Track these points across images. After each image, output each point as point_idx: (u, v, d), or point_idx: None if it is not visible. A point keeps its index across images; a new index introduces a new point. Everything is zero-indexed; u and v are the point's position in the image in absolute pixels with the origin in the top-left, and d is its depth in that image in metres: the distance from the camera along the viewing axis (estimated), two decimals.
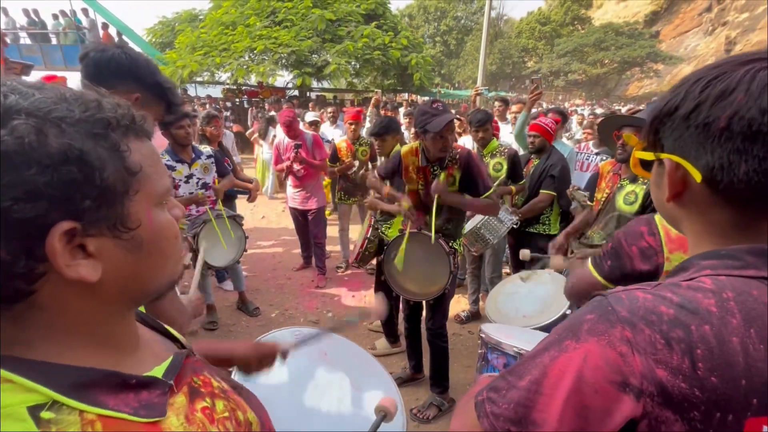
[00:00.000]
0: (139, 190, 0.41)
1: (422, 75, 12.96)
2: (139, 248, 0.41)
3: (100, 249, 0.38)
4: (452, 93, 17.42)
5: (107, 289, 0.41)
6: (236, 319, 3.30)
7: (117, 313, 0.44)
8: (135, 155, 0.40)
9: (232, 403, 0.51)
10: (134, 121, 0.42)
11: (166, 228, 0.45)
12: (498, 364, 1.46)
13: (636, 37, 28.02)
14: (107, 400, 0.39)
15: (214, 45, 11.69)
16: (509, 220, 2.60)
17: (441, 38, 31.26)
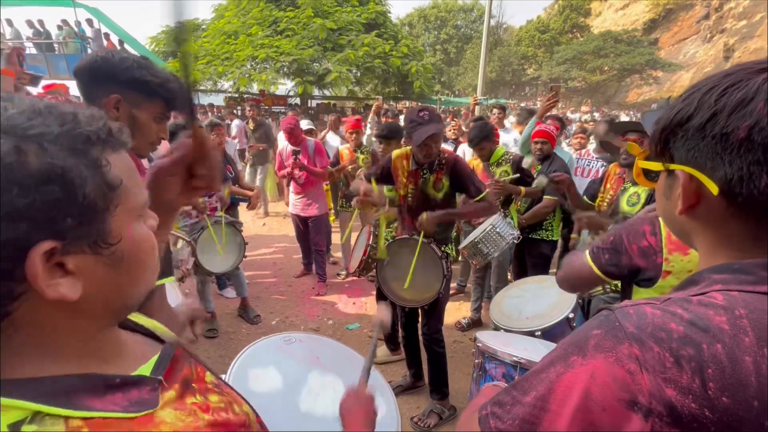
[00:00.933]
0: (120, 204, 0.40)
1: (422, 83, 13.07)
2: (119, 263, 0.41)
3: (80, 266, 0.38)
4: (452, 100, 17.51)
5: (89, 306, 0.40)
6: (236, 327, 3.29)
7: (99, 327, 0.43)
8: (114, 169, 0.39)
9: (227, 397, 0.51)
10: (111, 134, 0.41)
11: (144, 240, 0.44)
12: (497, 374, 1.45)
13: (635, 44, 28.21)
14: (93, 403, 0.38)
15: (216, 54, 11.82)
16: (510, 234, 2.56)
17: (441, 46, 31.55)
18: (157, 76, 1.03)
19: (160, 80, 1.03)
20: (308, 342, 1.29)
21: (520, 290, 2.20)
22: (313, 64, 12.14)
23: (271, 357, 1.18)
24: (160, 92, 1.04)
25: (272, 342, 1.26)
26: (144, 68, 1.02)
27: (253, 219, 6.08)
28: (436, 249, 2.07)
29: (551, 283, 2.16)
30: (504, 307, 2.04)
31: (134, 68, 1.00)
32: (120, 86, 0.99)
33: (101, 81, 0.99)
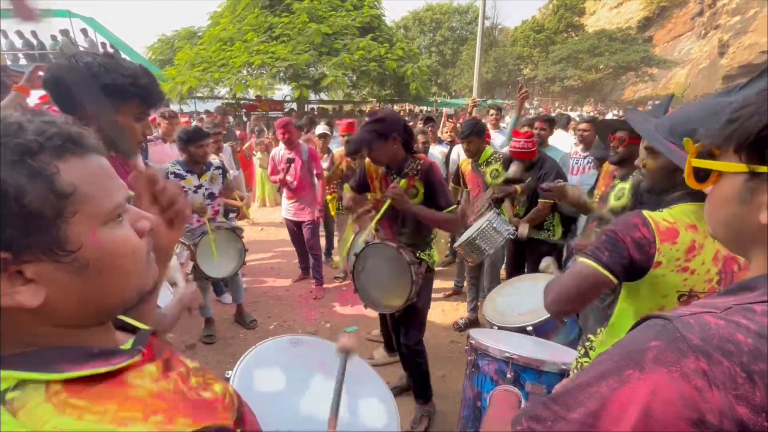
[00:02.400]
0: (77, 211, 0.39)
1: (418, 85, 13.13)
2: (84, 269, 0.40)
3: (41, 274, 0.38)
4: (449, 102, 17.57)
5: (58, 310, 0.40)
6: (234, 332, 3.30)
7: (80, 327, 0.44)
8: (68, 176, 0.39)
9: (208, 378, 0.52)
10: (70, 139, 0.40)
11: (119, 245, 0.43)
12: (489, 370, 1.46)
13: (629, 42, 28.30)
14: (75, 369, 0.40)
15: (212, 61, 11.88)
16: (506, 230, 2.58)
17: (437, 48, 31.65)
18: (126, 75, 1.00)
19: (131, 79, 1.00)
20: (314, 345, 1.31)
21: (514, 288, 2.22)
22: (309, 69, 12.21)
23: (276, 358, 1.20)
24: (133, 91, 1.01)
25: (279, 343, 1.28)
26: (112, 71, 0.98)
27: (251, 225, 6.10)
28: (405, 254, 1.99)
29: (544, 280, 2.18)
30: (497, 305, 2.06)
31: (102, 74, 0.97)
32: (92, 94, 0.97)
33: (72, 91, 0.96)
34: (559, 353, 1.57)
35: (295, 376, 1.14)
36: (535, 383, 1.38)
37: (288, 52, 11.44)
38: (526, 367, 1.39)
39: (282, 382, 1.12)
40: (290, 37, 12.00)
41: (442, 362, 2.93)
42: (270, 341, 1.27)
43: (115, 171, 0.46)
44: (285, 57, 11.30)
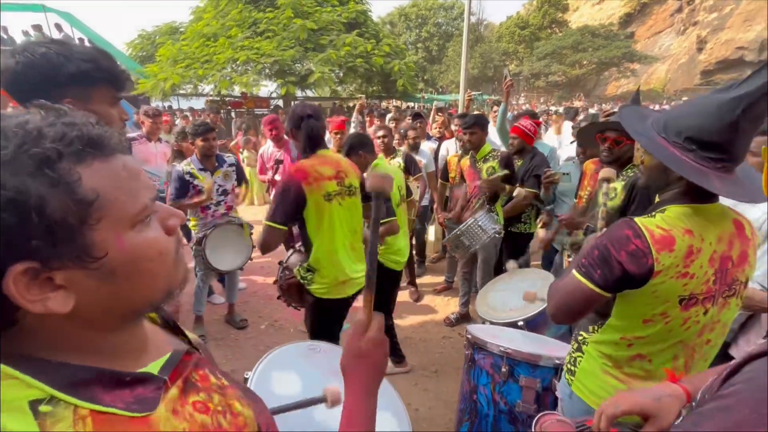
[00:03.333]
0: (102, 217, 0.39)
1: (405, 81, 13.10)
2: (111, 274, 0.40)
3: (70, 280, 0.38)
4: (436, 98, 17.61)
5: (88, 314, 0.41)
6: (225, 333, 3.26)
7: (109, 329, 0.44)
8: (90, 182, 0.38)
9: (228, 398, 0.52)
10: (91, 142, 0.39)
11: (146, 248, 0.43)
12: (485, 365, 1.48)
13: (612, 38, 28.80)
14: (103, 397, 0.40)
15: (195, 57, 11.63)
16: (492, 228, 2.61)
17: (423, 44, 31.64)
18: (87, 59, 0.93)
19: (93, 63, 0.93)
20: (331, 353, 1.32)
21: (505, 284, 2.25)
22: (294, 65, 12.05)
23: (294, 362, 1.22)
24: (98, 76, 0.95)
25: (298, 348, 1.30)
26: (72, 58, 0.90)
27: None
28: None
29: (534, 275, 2.22)
30: (489, 300, 2.09)
31: (64, 63, 0.89)
32: (59, 86, 0.89)
33: (38, 89, 0.87)
34: (553, 348, 1.60)
35: (311, 381, 1.15)
36: (529, 377, 1.40)
37: (273, 48, 11.27)
38: (521, 361, 1.41)
39: (298, 386, 1.13)
40: (275, 32, 11.82)
41: (434, 358, 2.95)
42: (290, 345, 1.30)
43: (141, 169, 0.44)
44: (270, 53, 11.12)
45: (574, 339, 1.29)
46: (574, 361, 1.25)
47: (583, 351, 1.23)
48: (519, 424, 1.40)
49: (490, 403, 1.44)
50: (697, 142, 0.97)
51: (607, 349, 1.16)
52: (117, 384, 0.42)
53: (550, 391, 1.39)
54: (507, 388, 1.41)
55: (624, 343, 1.12)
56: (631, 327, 1.10)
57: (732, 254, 1.06)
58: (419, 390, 2.61)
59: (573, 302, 1.09)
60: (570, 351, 1.30)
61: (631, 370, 1.14)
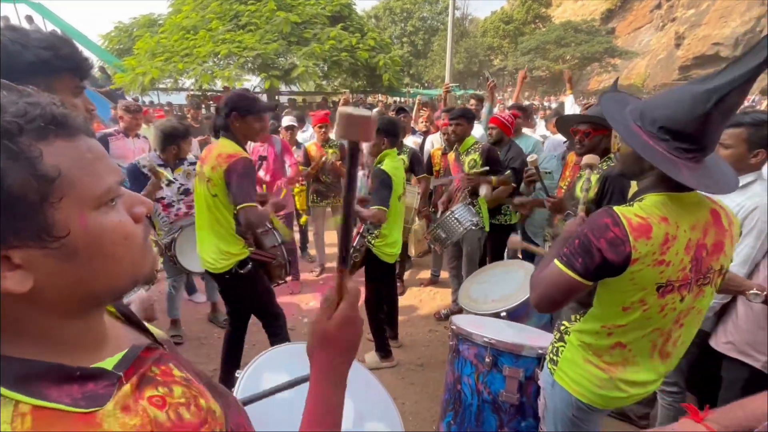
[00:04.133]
0: (65, 195, 0.38)
1: (391, 75, 13.05)
2: (73, 255, 0.39)
3: (28, 259, 0.37)
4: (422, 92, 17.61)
5: (47, 296, 0.39)
6: (208, 332, 3.20)
7: (69, 316, 0.43)
8: (53, 159, 0.37)
9: (193, 391, 0.49)
10: (54, 121, 0.38)
11: (110, 230, 0.42)
12: (469, 355, 1.48)
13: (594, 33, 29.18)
14: (50, 392, 0.38)
15: (175, 50, 11.32)
16: (468, 221, 2.63)
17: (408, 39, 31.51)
18: (45, 47, 0.88)
19: (52, 51, 0.88)
20: None
21: (487, 275, 2.27)
22: (278, 59, 11.86)
23: (288, 363, 1.21)
24: (59, 64, 0.90)
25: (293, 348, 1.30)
26: (29, 45, 0.85)
27: None
28: None
29: (516, 267, 2.24)
30: (472, 293, 2.10)
31: (21, 51, 0.84)
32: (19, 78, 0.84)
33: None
34: (536, 338, 1.62)
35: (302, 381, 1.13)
36: (512, 367, 1.41)
37: (256, 42, 11.04)
38: (504, 351, 1.42)
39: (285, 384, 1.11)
40: (258, 26, 11.59)
41: (421, 351, 2.96)
42: (284, 346, 1.29)
43: (106, 153, 0.44)
44: (253, 46, 10.90)
45: (557, 329, 1.30)
46: (557, 351, 1.26)
47: (565, 341, 1.24)
48: (502, 413, 1.41)
49: (473, 393, 1.45)
50: (670, 132, 0.99)
51: (588, 338, 1.18)
52: (67, 379, 0.40)
53: (532, 381, 1.40)
54: (491, 377, 1.42)
55: (604, 331, 1.14)
56: (611, 315, 1.12)
57: (706, 242, 1.08)
58: (405, 384, 2.61)
59: (556, 291, 1.10)
60: (552, 341, 1.31)
61: (611, 359, 1.16)
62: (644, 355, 1.16)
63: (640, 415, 2.18)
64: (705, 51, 27.07)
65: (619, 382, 1.17)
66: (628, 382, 1.17)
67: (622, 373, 1.16)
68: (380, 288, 2.75)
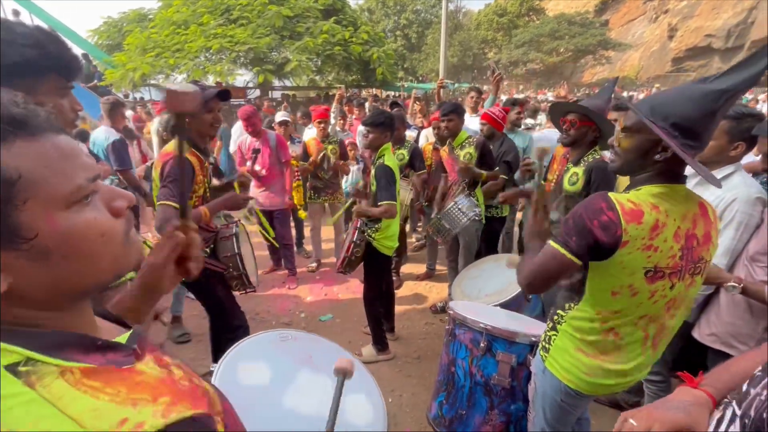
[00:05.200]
0: (30, 197, 0.38)
1: (385, 69, 12.97)
2: (45, 255, 0.39)
3: (1, 262, 0.38)
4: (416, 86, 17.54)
5: (30, 295, 0.40)
6: (205, 328, 3.20)
7: (57, 308, 0.44)
8: (12, 161, 0.37)
9: (187, 372, 0.52)
10: (13, 122, 0.38)
11: (83, 229, 0.42)
12: (464, 339, 1.52)
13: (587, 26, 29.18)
14: (79, 357, 0.41)
15: (166, 45, 11.17)
16: (472, 211, 2.67)
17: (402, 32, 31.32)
18: (31, 45, 0.83)
19: (39, 50, 0.84)
20: (303, 341, 1.31)
21: (479, 270, 2.30)
22: (271, 54, 11.75)
23: (263, 352, 1.19)
24: (46, 64, 0.86)
25: (267, 337, 1.27)
26: (13, 42, 0.81)
27: None
28: None
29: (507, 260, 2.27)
30: (464, 288, 2.13)
31: (6, 52, 0.80)
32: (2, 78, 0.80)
33: None
34: (532, 326, 1.65)
35: (280, 370, 1.14)
36: (505, 353, 1.45)
37: (248, 36, 10.93)
38: (499, 337, 1.46)
39: (267, 375, 1.11)
40: (249, 20, 11.45)
41: (417, 344, 3.00)
42: (259, 335, 1.26)
43: (78, 149, 0.43)
44: (245, 41, 10.79)
45: (550, 318, 1.34)
46: (549, 339, 1.30)
47: (558, 330, 1.28)
48: (493, 395, 1.45)
49: (467, 375, 1.50)
50: (680, 128, 1.02)
51: (582, 325, 1.21)
52: (91, 347, 0.43)
53: (524, 366, 1.44)
54: (484, 361, 1.47)
55: (599, 318, 1.17)
56: (602, 301, 1.15)
57: (697, 233, 1.12)
58: (403, 376, 2.65)
59: (548, 270, 1.14)
60: (545, 330, 1.35)
61: (603, 347, 1.20)
62: (637, 344, 1.19)
63: (631, 403, 2.24)
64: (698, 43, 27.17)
65: (608, 370, 1.21)
66: (617, 371, 1.21)
67: (611, 361, 1.20)
68: (379, 282, 2.77)
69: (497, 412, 1.46)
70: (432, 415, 1.62)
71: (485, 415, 1.47)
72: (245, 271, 2.15)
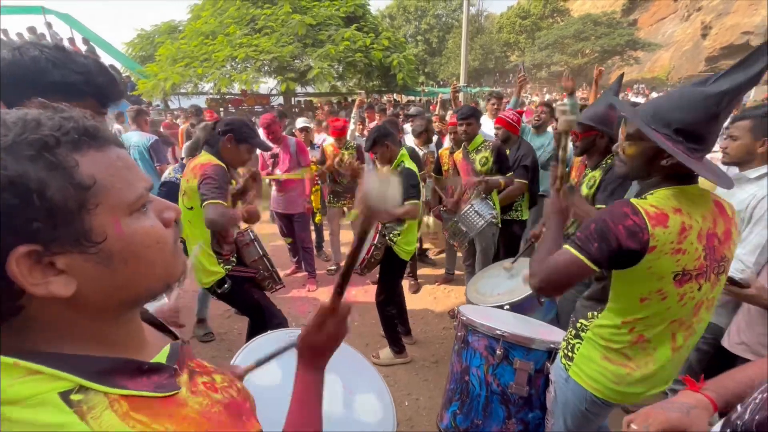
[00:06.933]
0: (100, 203, 0.40)
1: (405, 74, 13.01)
2: (110, 259, 0.42)
3: (70, 265, 0.40)
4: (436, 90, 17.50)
5: (90, 300, 0.42)
6: (228, 328, 3.30)
7: (110, 317, 0.46)
8: (87, 168, 0.40)
9: (228, 377, 0.55)
10: (87, 133, 0.41)
11: (143, 235, 0.44)
12: (479, 346, 1.50)
13: (614, 26, 28.37)
14: (126, 384, 0.42)
15: (194, 56, 11.62)
16: (489, 213, 2.64)
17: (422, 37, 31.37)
18: (79, 71, 0.90)
19: (84, 77, 0.91)
20: None
21: (496, 270, 2.27)
22: (294, 61, 12.01)
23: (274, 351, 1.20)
24: (87, 90, 0.92)
25: (277, 337, 1.28)
26: (62, 67, 0.88)
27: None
28: None
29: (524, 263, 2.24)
30: (479, 287, 2.12)
31: (50, 69, 0.87)
32: (40, 92, 0.86)
33: (16, 88, 0.85)
34: (546, 331, 1.62)
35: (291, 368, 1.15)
36: (523, 360, 1.42)
37: (272, 45, 11.22)
38: (516, 344, 1.43)
39: (279, 375, 1.12)
40: (273, 29, 11.77)
41: (434, 348, 2.98)
42: (269, 334, 1.28)
43: (134, 161, 0.47)
44: (269, 49, 11.08)
45: (572, 326, 1.31)
46: (572, 348, 1.27)
47: (582, 338, 1.25)
48: (510, 405, 1.42)
49: (482, 384, 1.46)
50: (684, 133, 1.01)
51: (609, 334, 1.18)
52: (136, 372, 0.44)
53: (541, 373, 1.41)
54: (501, 370, 1.43)
55: (626, 327, 1.14)
56: (630, 308, 1.12)
57: (717, 231, 1.09)
58: (419, 380, 2.64)
59: (564, 276, 1.11)
60: (567, 337, 1.32)
61: (632, 354, 1.16)
62: (666, 349, 1.16)
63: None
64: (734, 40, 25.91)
65: (636, 378, 1.17)
66: (645, 378, 1.17)
67: (640, 368, 1.16)
68: (393, 285, 2.78)
69: (514, 421, 1.43)
70: (444, 425, 1.58)
71: (502, 424, 1.43)
72: (275, 269, 2.29)
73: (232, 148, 2.02)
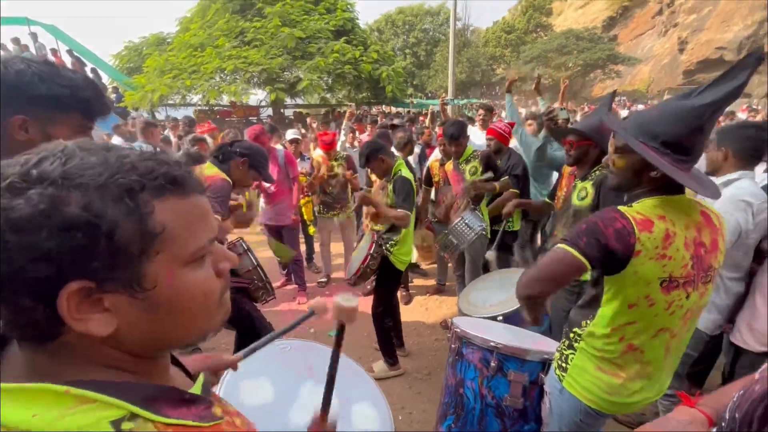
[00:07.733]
0: (162, 251, 0.40)
1: (394, 87, 13.18)
2: (155, 308, 0.41)
3: (116, 305, 0.39)
4: (425, 102, 17.74)
5: (124, 341, 0.42)
6: (215, 342, 3.22)
7: (142, 357, 0.45)
8: (161, 216, 0.40)
9: (245, 419, 0.55)
10: (173, 181, 0.41)
11: (193, 287, 0.44)
12: (473, 359, 1.49)
13: (596, 41, 29.31)
14: (169, 412, 0.41)
15: (183, 68, 11.58)
16: (479, 226, 2.66)
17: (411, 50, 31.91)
18: (65, 85, 0.90)
19: (70, 90, 0.90)
20: (302, 350, 1.29)
21: (487, 282, 2.28)
22: (283, 73, 12.07)
23: (264, 367, 1.16)
24: (73, 104, 0.92)
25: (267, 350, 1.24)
26: (48, 80, 0.88)
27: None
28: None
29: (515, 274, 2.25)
30: (471, 298, 2.11)
31: (36, 83, 0.86)
32: (24, 105, 0.86)
33: (1, 102, 0.85)
34: (540, 342, 1.62)
35: (283, 385, 1.12)
36: (518, 372, 1.41)
37: (261, 57, 11.27)
38: (510, 356, 1.42)
39: (270, 393, 1.09)
40: (263, 41, 11.83)
41: (427, 360, 2.95)
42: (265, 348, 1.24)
43: (209, 209, 0.46)
44: (258, 61, 11.12)
45: (565, 336, 1.31)
46: (566, 359, 1.27)
47: (576, 348, 1.25)
48: (506, 417, 1.40)
49: (477, 397, 1.45)
50: (671, 145, 1.04)
51: (601, 343, 1.18)
52: (179, 401, 0.44)
53: (536, 385, 1.40)
54: (495, 382, 1.42)
55: (615, 335, 1.15)
56: (619, 315, 1.14)
57: (704, 240, 1.11)
58: (413, 393, 2.60)
59: (552, 269, 1.11)
60: (560, 348, 1.32)
61: (624, 363, 1.17)
62: (658, 358, 1.17)
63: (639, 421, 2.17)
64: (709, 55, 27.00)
65: (629, 388, 1.18)
66: (638, 388, 1.18)
67: (632, 378, 1.17)
68: (389, 296, 2.76)
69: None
70: None
71: None
72: (268, 280, 2.31)
73: (243, 170, 2.12)
